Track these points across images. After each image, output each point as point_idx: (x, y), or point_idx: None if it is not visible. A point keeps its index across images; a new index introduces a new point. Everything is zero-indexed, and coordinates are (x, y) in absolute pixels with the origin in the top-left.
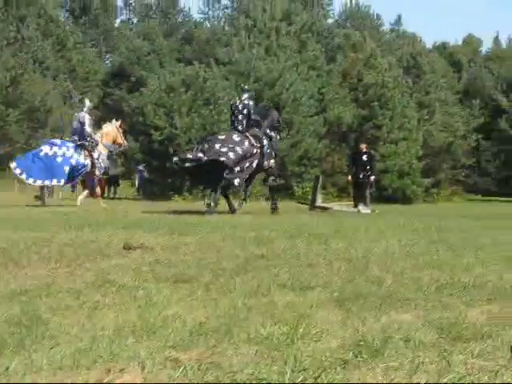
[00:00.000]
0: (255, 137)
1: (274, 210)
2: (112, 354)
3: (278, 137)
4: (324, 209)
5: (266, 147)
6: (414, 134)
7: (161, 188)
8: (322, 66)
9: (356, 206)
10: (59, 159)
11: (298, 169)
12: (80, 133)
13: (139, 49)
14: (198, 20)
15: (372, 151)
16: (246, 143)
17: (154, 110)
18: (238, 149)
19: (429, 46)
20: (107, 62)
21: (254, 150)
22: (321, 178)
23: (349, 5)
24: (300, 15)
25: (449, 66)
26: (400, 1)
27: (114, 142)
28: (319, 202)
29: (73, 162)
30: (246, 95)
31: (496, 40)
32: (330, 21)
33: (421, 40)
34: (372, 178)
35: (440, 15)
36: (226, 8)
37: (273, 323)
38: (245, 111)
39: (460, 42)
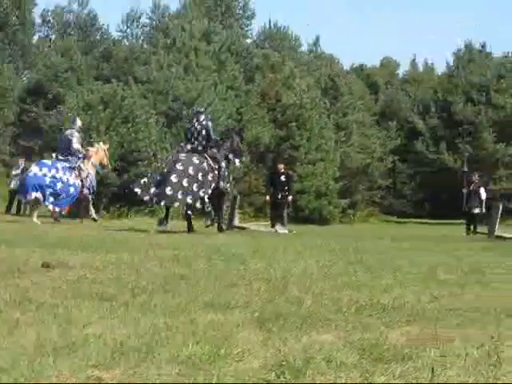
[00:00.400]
0: (213, 158)
1: (210, 225)
2: (33, 373)
3: (238, 161)
4: (241, 229)
5: (223, 169)
6: (332, 155)
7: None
8: (241, 85)
9: (273, 226)
10: (47, 180)
11: None
12: (66, 149)
13: (57, 65)
14: (116, 38)
15: (290, 171)
16: (205, 165)
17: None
18: (198, 175)
19: (347, 67)
20: (24, 78)
21: (212, 174)
22: (238, 197)
23: (267, 25)
24: (219, 35)
25: (366, 88)
26: (318, 22)
27: (100, 164)
28: (236, 222)
29: (59, 185)
30: (202, 116)
31: (413, 63)
32: (248, 41)
33: (339, 61)
34: (290, 198)
35: (358, 37)
36: (145, 26)
37: (195, 343)
38: (203, 132)
39: (377, 65)
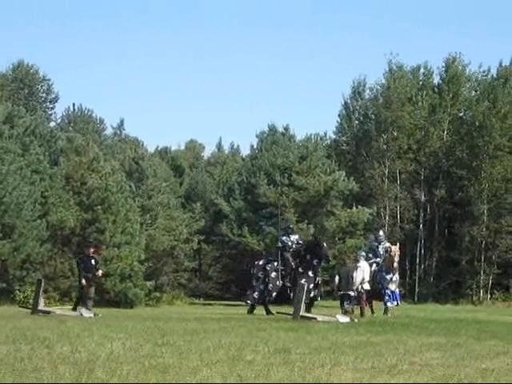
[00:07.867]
0: (283, 261)
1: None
2: None
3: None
4: (46, 313)
5: (289, 268)
6: (137, 238)
7: None
8: (46, 169)
9: (74, 309)
10: None
11: (20, 273)
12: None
13: None
14: None
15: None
16: (274, 266)
17: None
18: (272, 273)
19: (151, 150)
20: None
21: (276, 273)
22: (43, 281)
23: (72, 108)
24: (23, 118)
25: (171, 171)
26: (123, 105)
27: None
28: (41, 306)
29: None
30: (295, 236)
31: (219, 145)
32: (52, 124)
33: (143, 144)
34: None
35: (163, 120)
36: None
37: None
38: (293, 246)
39: (183, 147)
